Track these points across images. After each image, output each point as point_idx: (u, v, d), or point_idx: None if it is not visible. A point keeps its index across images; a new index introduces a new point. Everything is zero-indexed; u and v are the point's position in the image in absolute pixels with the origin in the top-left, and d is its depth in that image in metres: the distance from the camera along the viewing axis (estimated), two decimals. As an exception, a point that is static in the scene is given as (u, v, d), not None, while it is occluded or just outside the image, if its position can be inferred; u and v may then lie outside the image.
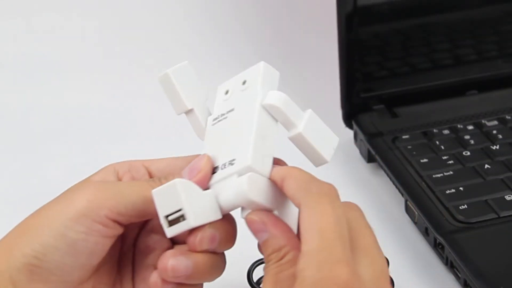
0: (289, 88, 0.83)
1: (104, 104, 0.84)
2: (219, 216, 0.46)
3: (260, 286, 0.55)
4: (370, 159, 0.72)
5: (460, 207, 0.62)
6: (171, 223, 0.46)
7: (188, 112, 0.50)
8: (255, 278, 0.55)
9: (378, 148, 0.71)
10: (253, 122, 0.47)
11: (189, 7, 0.97)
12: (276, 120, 0.48)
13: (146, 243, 0.52)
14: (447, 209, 0.63)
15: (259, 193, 0.46)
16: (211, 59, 0.88)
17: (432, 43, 0.77)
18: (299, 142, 0.48)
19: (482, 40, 0.79)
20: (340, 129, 0.75)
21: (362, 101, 0.75)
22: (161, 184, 0.47)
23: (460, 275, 0.59)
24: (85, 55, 0.92)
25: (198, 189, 0.46)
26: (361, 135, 0.72)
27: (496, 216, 0.61)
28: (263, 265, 0.54)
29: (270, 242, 0.46)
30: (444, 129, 0.72)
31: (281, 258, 0.46)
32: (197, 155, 0.50)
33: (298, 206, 0.45)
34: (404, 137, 0.71)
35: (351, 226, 0.45)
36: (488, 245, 0.60)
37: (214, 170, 0.48)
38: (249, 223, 0.46)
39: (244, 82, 0.49)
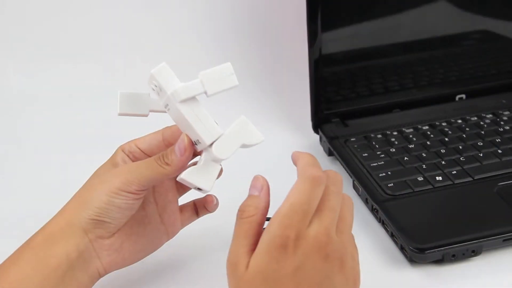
0: (276, 106, 0.90)
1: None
2: (218, 168, 0.54)
3: None
4: (330, 154, 0.80)
5: (388, 185, 0.70)
6: (200, 189, 0.55)
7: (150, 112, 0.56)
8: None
9: (335, 147, 0.79)
10: (186, 118, 0.51)
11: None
12: (194, 97, 0.51)
13: (163, 188, 0.59)
14: (380, 186, 0.71)
15: (226, 150, 0.52)
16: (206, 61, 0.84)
17: (371, 78, 0.84)
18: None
19: (403, 76, 0.85)
20: (310, 134, 0.82)
21: (325, 116, 0.82)
22: (164, 160, 0.53)
23: (388, 229, 0.66)
24: (95, 44, 0.95)
25: (201, 169, 0.53)
26: (324, 138, 0.81)
27: (412, 190, 0.70)
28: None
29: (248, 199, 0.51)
30: (378, 134, 0.79)
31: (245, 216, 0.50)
32: (166, 128, 0.57)
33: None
34: (352, 139, 0.79)
35: (325, 195, 0.49)
36: (407, 209, 0.67)
37: (195, 142, 0.53)
38: (254, 180, 0.52)
39: (156, 86, 0.52)
